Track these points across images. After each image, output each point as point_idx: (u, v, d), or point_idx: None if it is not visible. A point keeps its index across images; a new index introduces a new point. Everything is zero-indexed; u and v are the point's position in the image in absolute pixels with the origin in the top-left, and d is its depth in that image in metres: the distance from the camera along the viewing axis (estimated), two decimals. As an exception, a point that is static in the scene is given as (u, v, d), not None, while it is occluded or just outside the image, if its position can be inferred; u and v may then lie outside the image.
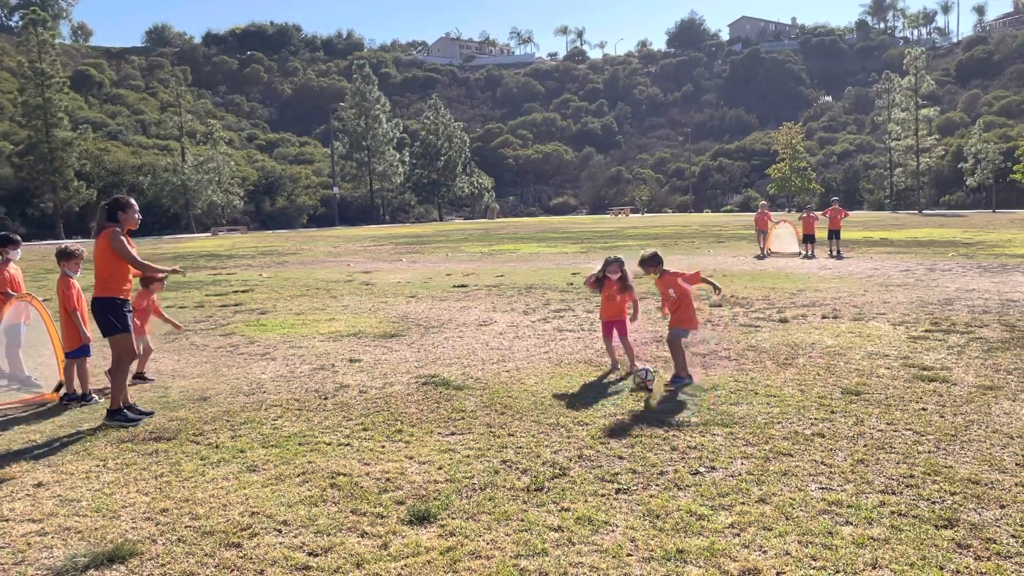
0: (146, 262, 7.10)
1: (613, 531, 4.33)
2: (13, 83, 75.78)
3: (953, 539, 4.15)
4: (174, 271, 7.65)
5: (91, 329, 7.59)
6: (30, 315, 8.11)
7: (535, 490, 4.96)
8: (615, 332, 8.45)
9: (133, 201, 7.09)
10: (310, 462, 5.59)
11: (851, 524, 4.36)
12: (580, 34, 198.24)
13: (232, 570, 3.98)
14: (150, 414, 6.99)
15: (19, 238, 8.88)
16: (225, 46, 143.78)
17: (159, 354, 10.01)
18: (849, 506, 4.60)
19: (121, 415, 6.75)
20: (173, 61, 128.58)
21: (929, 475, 5.06)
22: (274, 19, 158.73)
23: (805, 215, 24.70)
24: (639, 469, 5.29)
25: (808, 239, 24.12)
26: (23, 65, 64.07)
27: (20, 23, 75.70)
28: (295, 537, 4.34)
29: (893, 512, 4.50)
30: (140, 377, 8.34)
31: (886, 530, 4.27)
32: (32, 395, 7.80)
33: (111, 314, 6.81)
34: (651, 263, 7.98)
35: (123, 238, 6.83)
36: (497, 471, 5.32)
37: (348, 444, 6.00)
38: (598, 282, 8.47)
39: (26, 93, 62.77)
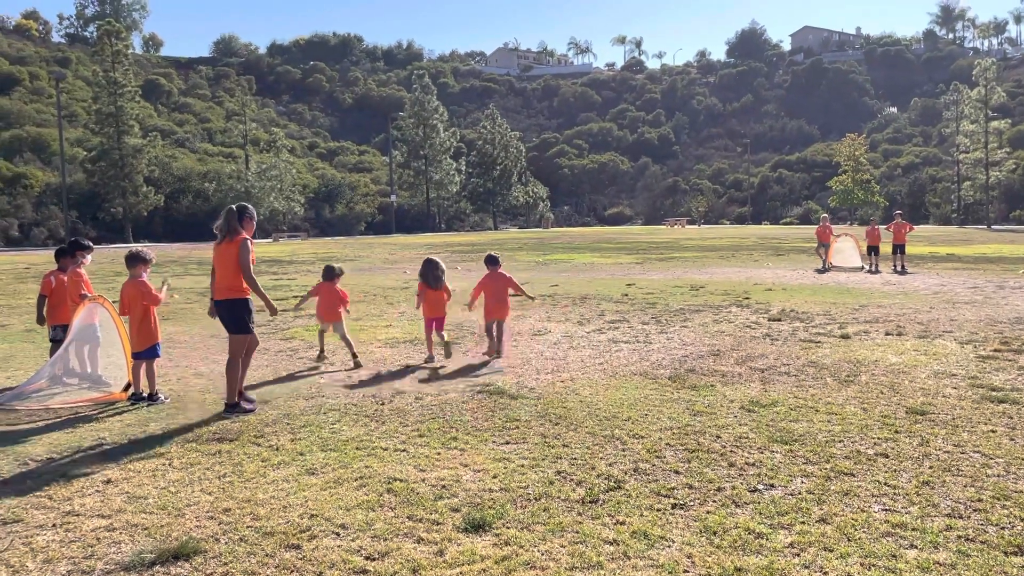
0: (260, 288, 7.33)
1: (669, 546, 4.29)
2: (88, 92, 78.66)
3: (1023, 566, 4.02)
4: (273, 312, 7.45)
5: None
6: (100, 316, 8.39)
7: (590, 502, 4.94)
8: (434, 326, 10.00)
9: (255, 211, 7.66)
10: (367, 466, 5.67)
11: (916, 547, 4.25)
12: (638, 44, 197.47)
13: (292, 571, 4.06)
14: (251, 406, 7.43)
15: (91, 244, 9.22)
16: (289, 56, 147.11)
17: (221, 356, 10.25)
18: (914, 529, 4.47)
19: (238, 408, 7.23)
20: (239, 71, 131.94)
21: (998, 499, 4.90)
22: (337, 30, 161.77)
23: (870, 227, 24.25)
24: (696, 484, 5.23)
25: (872, 250, 23.63)
26: (97, 74, 66.38)
27: (95, 34, 78.45)
28: (353, 541, 4.41)
29: (960, 536, 4.37)
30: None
31: (952, 555, 4.14)
32: (101, 394, 8.07)
33: (245, 315, 7.32)
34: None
35: (252, 253, 7.28)
36: (552, 482, 5.32)
37: (404, 450, 6.07)
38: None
39: (100, 101, 65.02)
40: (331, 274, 10.01)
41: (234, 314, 7.30)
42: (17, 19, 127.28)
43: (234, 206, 7.47)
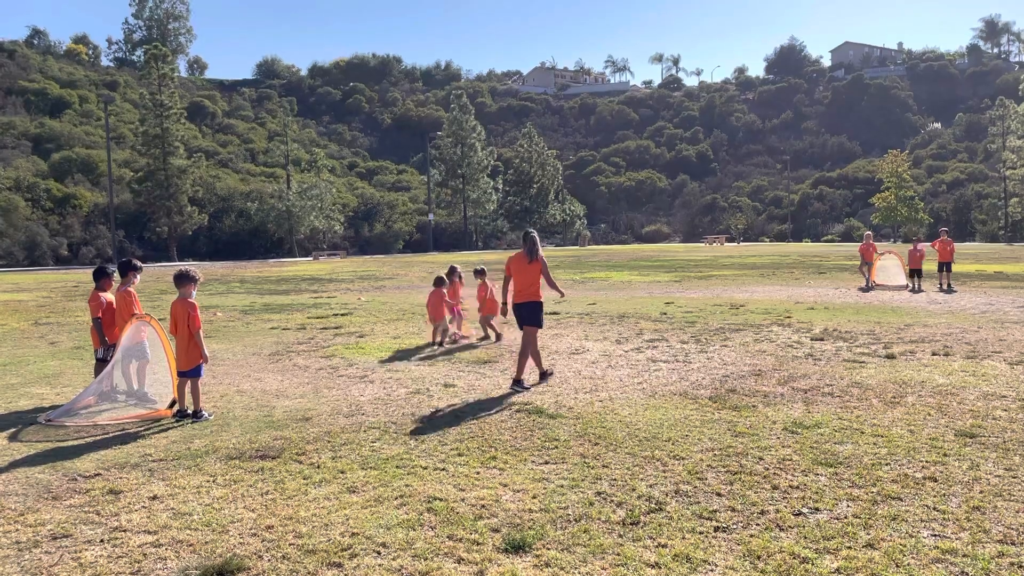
0: (556, 283, 9.75)
1: (712, 570, 4.24)
2: (135, 114, 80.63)
3: (1082, 597, 3.88)
4: (562, 294, 10.33)
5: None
6: (148, 334, 8.55)
7: (631, 524, 4.90)
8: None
9: None
10: (407, 485, 5.69)
11: (967, 574, 4.14)
12: (676, 61, 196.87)
13: (333, 589, 4.08)
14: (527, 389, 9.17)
15: (141, 265, 9.43)
16: (329, 78, 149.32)
17: (264, 373, 10.41)
18: (964, 555, 4.37)
19: (548, 375, 9.68)
20: (281, 92, 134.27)
21: (1054, 527, 4.75)
22: (376, 51, 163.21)
23: (912, 248, 23.72)
24: (739, 507, 5.16)
25: (915, 273, 23.09)
26: (144, 97, 67.98)
27: (143, 58, 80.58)
28: (393, 560, 4.42)
29: (1013, 563, 4.26)
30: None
31: (1006, 584, 4.03)
32: (148, 411, 8.22)
33: (541, 312, 9.41)
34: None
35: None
36: (592, 503, 5.28)
37: (444, 469, 6.08)
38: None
39: (146, 123, 66.55)
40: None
41: (534, 312, 9.31)
42: (68, 44, 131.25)
43: (533, 233, 9.55)
